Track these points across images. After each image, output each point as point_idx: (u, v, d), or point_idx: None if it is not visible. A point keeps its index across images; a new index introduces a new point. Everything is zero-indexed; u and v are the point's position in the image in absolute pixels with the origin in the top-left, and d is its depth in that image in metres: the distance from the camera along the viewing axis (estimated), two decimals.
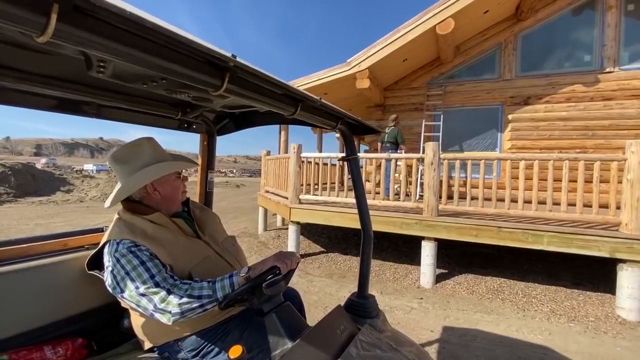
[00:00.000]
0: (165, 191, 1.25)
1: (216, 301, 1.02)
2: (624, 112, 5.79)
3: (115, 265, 1.06)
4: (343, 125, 1.28)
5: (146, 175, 1.18)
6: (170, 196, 1.27)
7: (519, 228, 3.75)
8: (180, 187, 1.31)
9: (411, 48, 6.10)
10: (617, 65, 5.89)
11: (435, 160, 4.14)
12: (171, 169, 1.24)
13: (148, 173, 1.19)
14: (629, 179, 3.39)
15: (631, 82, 5.76)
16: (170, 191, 1.27)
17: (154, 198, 1.23)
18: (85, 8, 0.41)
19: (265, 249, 5.86)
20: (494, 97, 6.72)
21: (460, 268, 4.70)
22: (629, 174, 3.39)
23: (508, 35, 6.62)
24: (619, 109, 5.82)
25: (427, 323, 3.15)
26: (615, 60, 5.89)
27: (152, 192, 1.22)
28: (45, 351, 1.13)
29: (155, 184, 1.22)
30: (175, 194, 1.29)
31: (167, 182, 1.25)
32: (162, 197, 1.24)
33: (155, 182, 1.21)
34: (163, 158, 1.27)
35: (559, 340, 2.89)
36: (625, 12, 5.91)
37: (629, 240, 3.32)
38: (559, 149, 6.13)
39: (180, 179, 1.32)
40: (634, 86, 5.74)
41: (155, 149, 1.27)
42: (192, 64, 0.61)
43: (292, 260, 1.16)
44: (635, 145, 3.36)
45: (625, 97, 5.80)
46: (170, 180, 1.26)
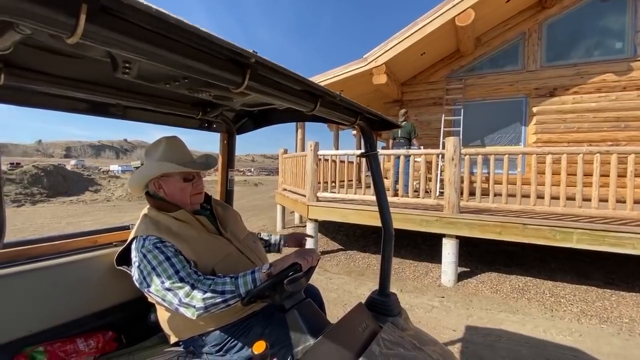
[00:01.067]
0: (169, 190, 1.26)
1: (239, 297, 1.03)
2: None
3: (142, 261, 1.09)
4: (362, 120, 1.26)
5: (147, 170, 1.25)
6: (174, 196, 1.26)
7: (546, 225, 3.60)
8: (185, 189, 1.27)
9: (429, 41, 5.95)
10: None
11: (456, 155, 4.03)
12: (165, 170, 1.23)
13: (146, 169, 1.25)
14: None
15: None
16: (174, 192, 1.26)
17: (161, 195, 1.27)
18: (112, 8, 0.42)
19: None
20: (518, 89, 6.46)
21: (483, 266, 4.57)
22: None
23: (532, 24, 6.34)
24: None
25: (449, 322, 3.08)
26: None
27: (156, 188, 1.27)
28: (78, 343, 1.18)
29: (161, 181, 1.25)
30: (181, 195, 1.27)
31: (171, 182, 1.26)
32: (167, 194, 1.26)
33: (160, 179, 1.25)
34: (172, 157, 1.26)
35: (590, 342, 2.76)
36: None
37: None
38: (588, 142, 5.83)
39: (189, 181, 1.28)
40: None
41: (169, 148, 1.28)
42: (213, 62, 0.61)
43: (312, 257, 1.16)
44: None
45: None
46: (174, 180, 1.26)
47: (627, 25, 5.73)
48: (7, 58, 0.77)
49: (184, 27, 0.45)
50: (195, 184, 1.30)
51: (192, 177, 1.29)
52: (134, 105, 1.26)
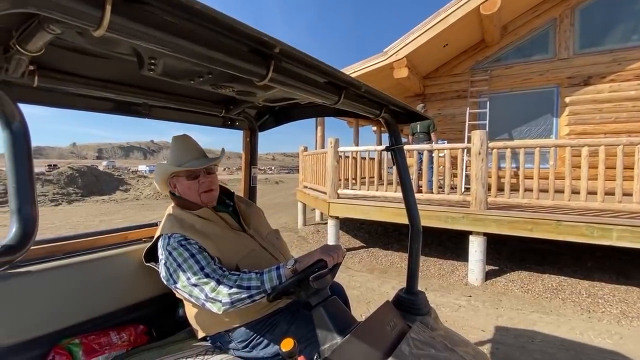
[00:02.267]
0: (181, 189, 1.30)
1: (264, 292, 1.03)
2: None
3: (168, 258, 1.11)
4: (387, 113, 1.22)
5: (156, 172, 1.33)
6: (186, 195, 1.29)
7: (582, 221, 3.39)
8: (192, 187, 1.27)
9: (452, 32, 5.74)
10: None
11: (483, 149, 3.87)
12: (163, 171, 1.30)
13: (158, 169, 1.33)
14: None
15: None
16: (184, 190, 1.29)
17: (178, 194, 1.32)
18: None
19: (305, 243, 5.94)
20: (548, 79, 6.12)
21: (512, 265, 4.38)
22: None
23: (563, 9, 5.97)
24: None
25: (477, 322, 2.97)
26: None
27: (172, 188, 1.32)
28: (111, 336, 1.22)
29: (174, 180, 1.30)
30: (189, 192, 1.28)
31: (179, 181, 1.29)
32: (180, 193, 1.30)
33: (173, 179, 1.30)
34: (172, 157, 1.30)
35: (632, 345, 2.58)
36: None
37: None
38: (627, 132, 5.44)
39: (194, 179, 1.27)
40: None
41: (175, 148, 1.32)
42: (237, 53, 0.60)
43: (338, 253, 1.13)
44: None
45: None
46: (182, 179, 1.28)
47: None
48: (39, 60, 0.80)
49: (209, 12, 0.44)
50: (200, 181, 1.28)
51: (197, 175, 1.28)
52: (159, 104, 1.29)
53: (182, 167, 1.25)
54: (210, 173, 1.32)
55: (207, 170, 1.31)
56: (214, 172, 1.35)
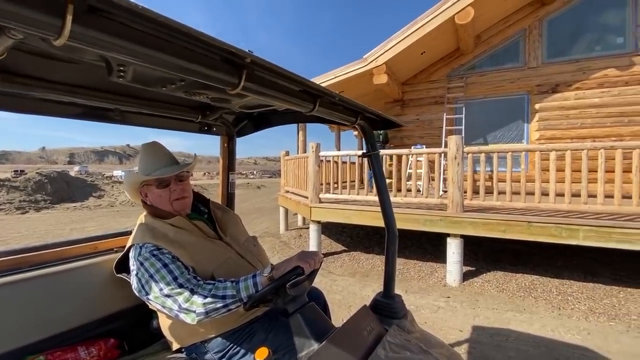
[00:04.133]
0: (152, 197, 1.27)
1: (240, 301, 1.02)
2: None
3: (140, 269, 1.08)
4: (363, 120, 1.24)
5: (126, 179, 1.30)
6: (157, 202, 1.26)
7: (551, 222, 3.56)
8: (163, 196, 1.24)
9: (429, 40, 5.93)
10: None
11: (459, 154, 4.00)
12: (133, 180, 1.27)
13: (127, 177, 1.30)
14: None
15: None
16: (155, 198, 1.26)
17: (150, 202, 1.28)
18: (99, 8, 0.41)
19: (287, 249, 5.90)
20: (519, 86, 6.42)
21: (488, 265, 4.53)
22: None
23: (532, 20, 6.30)
24: None
25: (455, 322, 3.05)
26: None
27: (144, 197, 1.28)
28: (79, 351, 1.16)
29: (145, 189, 1.26)
30: (161, 201, 1.25)
31: (150, 190, 1.26)
32: (151, 202, 1.27)
33: (142, 188, 1.26)
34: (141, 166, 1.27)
35: (599, 340, 2.72)
36: None
37: None
38: (592, 137, 5.77)
39: (165, 187, 1.24)
40: None
41: (144, 156, 1.29)
42: (208, 62, 0.60)
43: (315, 259, 1.14)
44: None
45: None
46: (152, 188, 1.25)
47: (627, 20, 5.69)
48: (1, 64, 0.76)
49: (173, 26, 0.44)
50: (172, 189, 1.24)
51: (168, 183, 1.24)
52: (132, 109, 1.25)
53: (151, 175, 1.22)
54: (182, 180, 1.28)
55: (178, 177, 1.27)
56: (187, 179, 1.32)
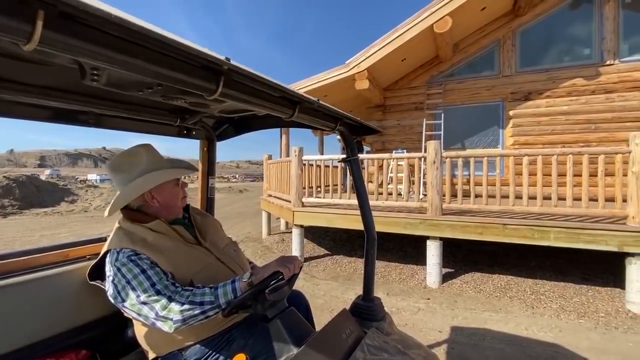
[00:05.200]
0: (163, 199, 1.23)
1: (218, 307, 1.01)
2: (626, 104, 5.74)
3: (116, 275, 1.05)
4: (342, 126, 1.26)
5: (143, 183, 1.17)
6: (169, 203, 1.25)
7: (524, 224, 3.71)
8: (179, 194, 1.29)
9: (409, 47, 6.08)
10: (617, 58, 5.84)
11: (438, 158, 4.11)
12: (168, 177, 1.22)
13: (145, 181, 1.17)
14: (634, 171, 3.35)
15: (632, 74, 5.71)
16: (169, 198, 1.25)
17: (152, 206, 1.22)
18: (71, 14, 0.40)
19: (269, 253, 5.85)
20: (495, 93, 6.68)
21: (467, 267, 4.66)
22: (634, 167, 3.35)
23: (506, 31, 6.59)
24: (621, 101, 5.77)
25: (435, 323, 3.11)
26: (615, 53, 5.85)
27: (150, 200, 1.21)
28: None
29: (154, 191, 1.21)
30: (174, 201, 1.27)
31: (165, 190, 1.23)
32: (161, 204, 1.23)
33: (153, 190, 1.20)
34: (160, 165, 1.25)
35: (570, 337, 2.85)
36: (623, 4, 5.87)
37: (637, 233, 3.27)
38: (562, 143, 6.07)
39: (180, 186, 1.30)
40: (635, 78, 5.69)
41: (152, 156, 1.25)
42: (185, 69, 0.60)
43: (294, 264, 1.14)
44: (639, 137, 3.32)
45: (627, 89, 5.75)
46: (168, 187, 1.24)
47: (593, 33, 6.05)
48: None
49: (149, 33, 0.44)
50: (183, 187, 1.32)
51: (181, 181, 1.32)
52: (108, 113, 1.22)
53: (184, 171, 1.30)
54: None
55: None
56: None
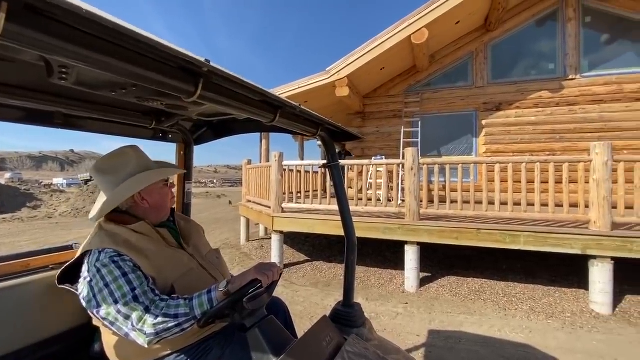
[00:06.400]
0: (153, 200, 1.22)
1: (194, 319, 0.97)
2: (587, 116, 6.15)
3: (95, 276, 1.00)
4: (324, 131, 1.27)
5: (133, 184, 1.15)
6: (159, 204, 1.25)
7: (497, 229, 3.86)
8: (168, 195, 1.30)
9: (388, 57, 6.24)
10: (578, 73, 6.27)
11: (415, 165, 4.22)
12: (159, 177, 1.22)
13: (135, 182, 1.16)
14: (595, 179, 3.57)
15: (591, 89, 6.14)
16: (159, 199, 1.25)
17: (141, 207, 1.21)
18: (38, 7, 0.38)
19: (248, 260, 5.73)
20: (468, 103, 6.96)
21: (443, 271, 4.77)
22: (594, 174, 3.58)
23: (479, 44, 6.92)
24: (582, 113, 6.18)
25: (413, 328, 3.15)
26: (576, 68, 6.27)
27: (140, 201, 1.20)
28: None
29: (143, 193, 1.20)
30: (164, 201, 1.27)
31: (155, 190, 1.23)
32: (151, 205, 1.22)
33: (143, 191, 1.19)
34: (149, 166, 1.24)
35: (539, 338, 2.97)
36: (583, 23, 6.32)
37: (598, 237, 3.48)
38: (530, 152, 6.40)
39: (168, 186, 1.30)
40: (594, 92, 6.12)
41: (140, 158, 1.24)
42: (162, 69, 0.58)
43: (273, 271, 1.12)
44: (599, 147, 3.55)
45: (587, 102, 6.17)
46: (157, 188, 1.24)
47: (557, 49, 6.46)
48: None
49: (124, 31, 0.42)
50: (171, 188, 1.33)
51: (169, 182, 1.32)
52: (76, 113, 1.16)
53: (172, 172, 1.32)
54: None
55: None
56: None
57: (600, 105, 6.09)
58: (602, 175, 3.51)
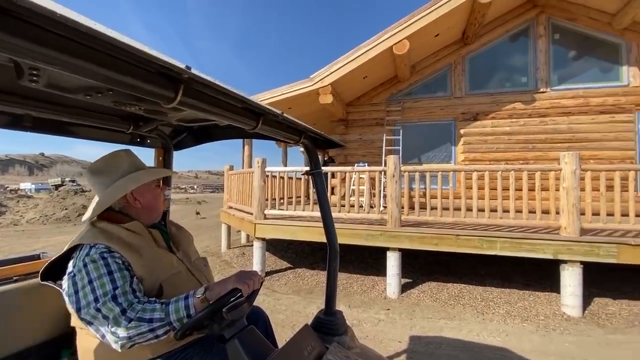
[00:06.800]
0: (145, 200, 1.23)
1: (169, 325, 0.95)
2: (557, 127, 6.48)
3: (81, 271, 0.98)
4: (306, 139, 1.27)
5: (126, 184, 1.17)
6: (151, 204, 1.26)
7: (475, 235, 3.97)
8: (160, 196, 1.31)
9: (371, 66, 6.37)
10: (548, 86, 6.62)
11: (397, 172, 4.29)
12: (150, 177, 1.23)
13: (127, 182, 1.18)
14: (564, 186, 3.76)
15: (560, 102, 6.50)
16: (151, 199, 1.25)
17: (134, 207, 1.21)
18: (7, 9, 0.36)
19: (229, 268, 5.61)
20: (447, 113, 7.19)
21: (424, 276, 4.84)
22: (564, 183, 3.76)
23: (457, 57, 7.19)
24: (552, 124, 6.52)
25: (394, 334, 3.17)
26: (547, 82, 6.63)
27: (132, 201, 1.21)
28: None
29: (136, 193, 1.20)
30: (156, 202, 1.28)
31: (147, 191, 1.24)
32: (143, 206, 1.23)
33: (135, 191, 1.20)
34: (141, 168, 1.27)
35: (515, 341, 3.05)
36: (553, 40, 6.71)
37: (568, 242, 3.65)
38: (505, 160, 6.66)
39: (160, 188, 1.31)
40: (563, 105, 6.48)
41: (133, 160, 1.26)
42: (141, 74, 0.56)
43: (254, 280, 1.10)
44: (568, 156, 3.74)
45: (557, 114, 6.52)
46: (150, 189, 1.25)
47: (529, 63, 6.81)
48: None
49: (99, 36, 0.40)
50: (163, 189, 1.35)
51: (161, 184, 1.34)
52: (48, 117, 1.11)
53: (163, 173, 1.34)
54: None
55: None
56: None
57: (569, 117, 6.45)
58: (571, 184, 3.70)
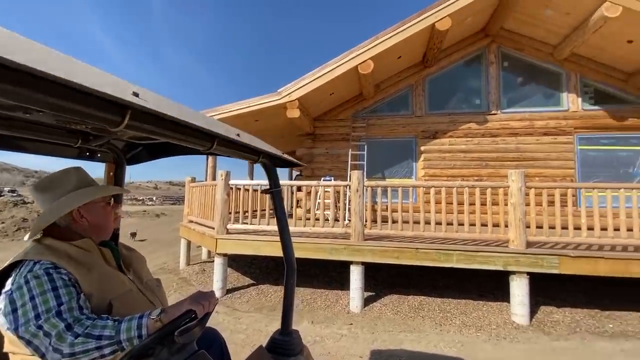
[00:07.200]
0: (93, 218, 1.18)
1: (117, 344, 0.90)
2: (507, 146, 7.06)
3: (21, 288, 0.91)
4: (265, 158, 1.28)
5: (70, 200, 1.12)
6: (99, 223, 1.21)
7: (433, 249, 4.15)
8: (110, 214, 1.26)
9: (337, 83, 6.57)
10: (499, 109, 7.23)
11: (360, 187, 4.40)
12: (97, 194, 1.19)
13: (73, 198, 1.13)
14: (512, 202, 4.07)
15: (509, 123, 7.12)
16: (99, 218, 1.21)
17: (81, 225, 1.16)
18: None
19: (187, 286, 5.34)
20: (409, 130, 7.57)
21: (386, 289, 4.93)
22: (512, 198, 4.08)
23: (417, 78, 7.64)
24: (503, 144, 7.09)
25: (356, 349, 3.18)
26: (497, 105, 7.24)
27: (79, 218, 1.16)
28: None
29: (82, 210, 1.16)
30: (104, 221, 1.23)
31: (96, 209, 1.20)
32: (91, 223, 1.18)
33: (82, 208, 1.15)
34: (90, 184, 1.22)
35: (469, 350, 3.19)
36: (502, 67, 7.38)
37: (516, 254, 3.94)
38: (462, 176, 7.10)
39: (111, 206, 1.27)
40: (512, 126, 7.10)
41: (83, 176, 1.23)
42: (83, 100, 0.54)
43: (210, 301, 1.08)
44: (515, 174, 4.08)
45: (506, 134, 7.11)
46: (98, 207, 1.21)
47: (482, 87, 7.42)
48: None
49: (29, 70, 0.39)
50: (114, 208, 1.30)
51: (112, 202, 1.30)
52: None
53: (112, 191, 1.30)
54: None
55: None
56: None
57: (517, 137, 7.06)
58: (517, 199, 4.02)
